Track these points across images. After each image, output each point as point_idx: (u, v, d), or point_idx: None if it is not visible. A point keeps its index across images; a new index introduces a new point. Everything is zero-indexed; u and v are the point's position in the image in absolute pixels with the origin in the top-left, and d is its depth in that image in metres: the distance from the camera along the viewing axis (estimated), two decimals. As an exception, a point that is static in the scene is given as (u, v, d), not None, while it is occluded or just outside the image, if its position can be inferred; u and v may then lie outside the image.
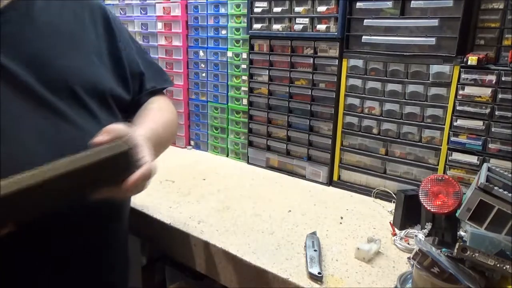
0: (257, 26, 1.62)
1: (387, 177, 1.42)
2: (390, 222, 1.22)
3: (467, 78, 1.20)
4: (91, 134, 0.65)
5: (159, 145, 0.83)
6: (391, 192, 1.40)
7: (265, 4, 1.58)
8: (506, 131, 1.16)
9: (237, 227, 1.20)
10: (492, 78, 1.16)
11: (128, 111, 0.92)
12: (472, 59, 1.17)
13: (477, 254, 0.79)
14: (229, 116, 1.85)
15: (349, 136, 1.49)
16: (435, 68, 1.26)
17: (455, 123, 1.25)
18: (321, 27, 1.46)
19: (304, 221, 1.25)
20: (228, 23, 1.75)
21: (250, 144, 1.78)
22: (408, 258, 1.02)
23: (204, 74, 1.88)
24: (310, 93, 1.54)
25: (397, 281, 0.92)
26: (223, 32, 1.77)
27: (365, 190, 1.47)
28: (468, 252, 0.79)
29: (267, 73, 1.64)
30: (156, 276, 1.83)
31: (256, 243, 1.10)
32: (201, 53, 1.87)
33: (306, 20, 1.49)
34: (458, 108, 1.23)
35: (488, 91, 1.17)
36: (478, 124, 1.21)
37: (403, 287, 0.90)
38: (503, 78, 1.14)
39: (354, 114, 1.46)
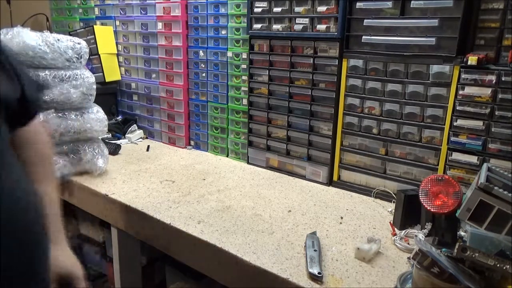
0: (257, 26, 1.62)
1: (387, 177, 1.42)
2: (390, 222, 1.22)
3: (467, 78, 1.20)
4: None
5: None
6: (391, 192, 1.40)
7: (265, 4, 1.58)
8: (506, 131, 1.16)
9: (237, 227, 1.20)
10: (492, 78, 1.16)
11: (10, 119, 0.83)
12: (472, 59, 1.17)
13: (477, 254, 0.79)
14: (229, 116, 1.85)
15: (349, 136, 1.49)
16: (435, 68, 1.26)
17: (455, 123, 1.25)
18: (321, 27, 1.46)
19: (304, 221, 1.25)
20: (228, 23, 1.75)
21: (250, 144, 1.78)
22: (408, 258, 1.02)
23: (204, 74, 1.88)
24: (310, 93, 1.54)
25: (397, 281, 0.92)
26: (223, 32, 1.77)
27: (365, 190, 1.47)
28: (468, 252, 0.79)
29: (267, 73, 1.64)
30: (156, 276, 1.83)
31: (256, 243, 1.10)
32: (201, 53, 1.87)
33: (306, 20, 1.49)
34: (458, 108, 1.23)
35: (488, 91, 1.17)
36: (478, 124, 1.21)
37: (403, 287, 0.90)
38: (503, 78, 1.14)
39: (354, 114, 1.46)
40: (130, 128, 2.12)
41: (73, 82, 1.51)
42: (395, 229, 1.19)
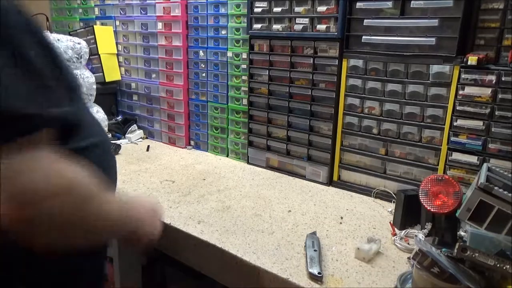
0: (257, 26, 1.62)
1: (387, 177, 1.42)
2: (390, 222, 1.22)
3: (467, 78, 1.20)
4: None
5: None
6: (391, 192, 1.40)
7: (265, 4, 1.58)
8: (506, 131, 1.16)
9: (237, 227, 1.20)
10: (492, 78, 1.16)
11: None
12: (472, 59, 1.17)
13: (477, 254, 0.79)
14: (229, 116, 1.85)
15: (349, 136, 1.49)
16: (435, 68, 1.26)
17: (455, 123, 1.25)
18: (321, 27, 1.46)
19: (304, 221, 1.25)
20: (228, 23, 1.75)
21: (250, 144, 1.78)
22: (408, 258, 1.02)
23: (204, 74, 1.88)
24: (310, 93, 1.54)
25: (397, 281, 0.92)
26: (223, 32, 1.77)
27: (365, 190, 1.47)
28: (468, 252, 0.79)
29: (267, 73, 1.64)
30: (156, 276, 1.83)
31: (256, 243, 1.10)
32: (201, 53, 1.87)
33: (306, 20, 1.49)
34: (458, 108, 1.23)
35: (488, 91, 1.17)
36: (478, 124, 1.21)
37: (403, 287, 0.90)
38: (503, 78, 1.14)
39: (354, 114, 1.46)
40: (130, 128, 2.12)
41: (73, 82, 1.51)
42: (395, 229, 1.19)
